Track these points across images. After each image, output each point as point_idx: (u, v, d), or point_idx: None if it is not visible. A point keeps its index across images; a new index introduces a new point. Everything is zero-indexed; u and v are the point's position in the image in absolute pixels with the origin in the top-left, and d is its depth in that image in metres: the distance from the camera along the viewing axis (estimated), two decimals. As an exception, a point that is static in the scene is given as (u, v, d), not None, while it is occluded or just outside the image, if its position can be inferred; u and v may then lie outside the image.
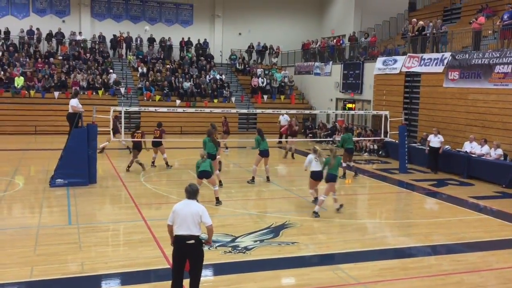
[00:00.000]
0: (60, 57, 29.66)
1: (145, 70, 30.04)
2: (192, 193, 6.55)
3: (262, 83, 31.40)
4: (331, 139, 24.25)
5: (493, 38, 18.71)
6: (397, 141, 18.49)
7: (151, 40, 32.15)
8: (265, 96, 30.70)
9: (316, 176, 11.88)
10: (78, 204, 11.89)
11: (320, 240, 9.91)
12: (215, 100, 29.32)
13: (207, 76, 30.95)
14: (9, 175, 15.18)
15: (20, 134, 24.64)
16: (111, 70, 29.45)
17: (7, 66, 27.41)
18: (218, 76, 31.28)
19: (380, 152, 21.43)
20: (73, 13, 31.98)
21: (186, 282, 6.52)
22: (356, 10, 32.14)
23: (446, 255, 9.25)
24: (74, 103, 14.60)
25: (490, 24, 19.19)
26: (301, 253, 9.06)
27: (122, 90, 28.21)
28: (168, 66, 31.01)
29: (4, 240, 9.31)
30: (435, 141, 17.52)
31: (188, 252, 6.40)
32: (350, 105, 26.86)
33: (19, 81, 26.51)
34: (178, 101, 28.20)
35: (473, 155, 16.79)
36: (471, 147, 17.09)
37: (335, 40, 29.83)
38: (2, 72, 26.67)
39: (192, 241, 6.34)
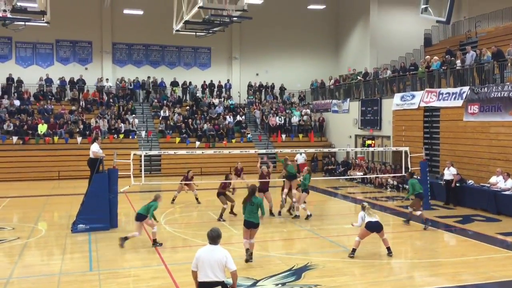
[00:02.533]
0: (82, 103, 30.43)
1: (167, 113, 30.52)
2: (214, 238, 6.50)
3: (280, 121, 31.59)
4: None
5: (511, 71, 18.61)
6: (419, 177, 18.18)
7: (175, 84, 32.97)
8: (283, 136, 30.85)
9: (372, 227, 11.07)
10: (99, 250, 11.91)
11: (343, 282, 9.66)
12: (233, 140, 29.53)
13: (228, 117, 31.29)
14: (33, 222, 15.35)
15: (43, 180, 25.06)
16: (133, 115, 30.02)
17: (31, 115, 28.25)
18: (238, 117, 31.63)
19: (406, 187, 20.80)
20: (95, 60, 33.04)
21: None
22: (372, 47, 32.53)
23: (475, 296, 8.93)
24: (95, 148, 14.77)
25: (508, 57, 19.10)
26: (324, 296, 8.85)
27: (143, 133, 28.66)
28: (187, 107, 31.54)
29: (26, 288, 9.33)
30: (447, 173, 17.59)
31: None
32: (369, 142, 26.73)
33: (42, 128, 27.18)
34: (197, 143, 28.49)
35: (497, 190, 16.40)
36: (497, 181, 16.74)
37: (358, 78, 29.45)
38: (26, 120, 27.42)
39: (219, 287, 6.26)
